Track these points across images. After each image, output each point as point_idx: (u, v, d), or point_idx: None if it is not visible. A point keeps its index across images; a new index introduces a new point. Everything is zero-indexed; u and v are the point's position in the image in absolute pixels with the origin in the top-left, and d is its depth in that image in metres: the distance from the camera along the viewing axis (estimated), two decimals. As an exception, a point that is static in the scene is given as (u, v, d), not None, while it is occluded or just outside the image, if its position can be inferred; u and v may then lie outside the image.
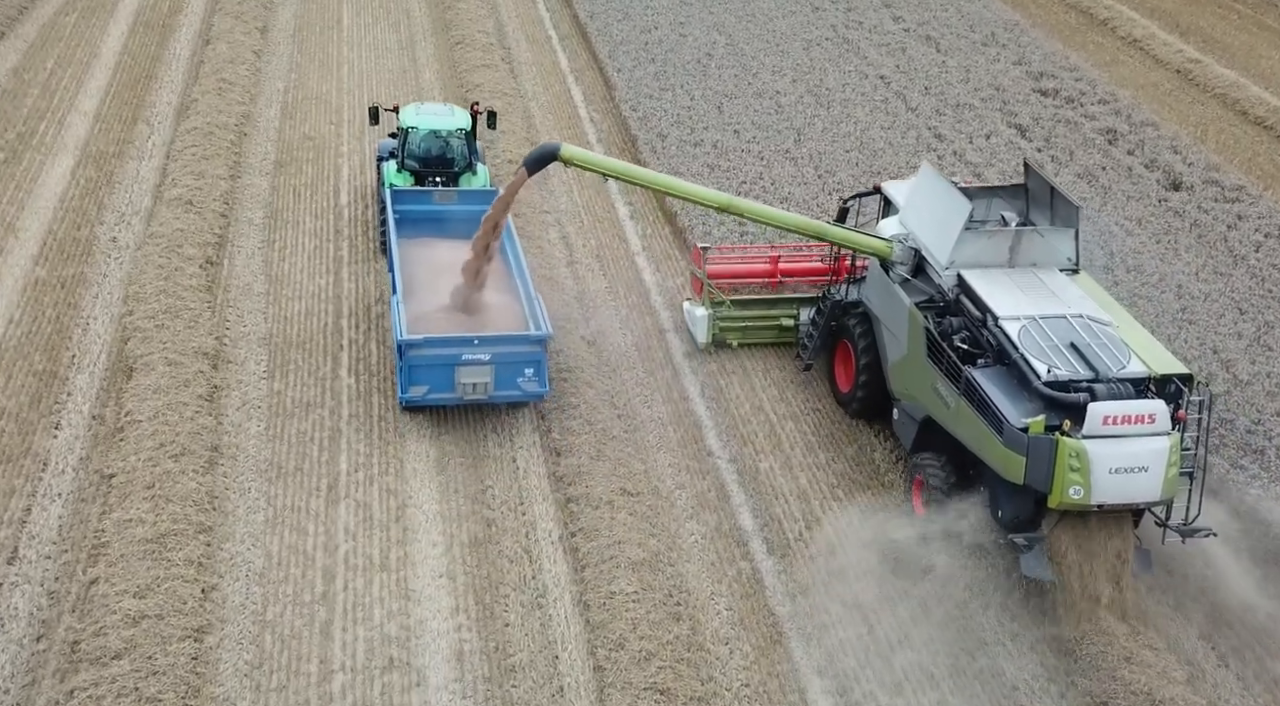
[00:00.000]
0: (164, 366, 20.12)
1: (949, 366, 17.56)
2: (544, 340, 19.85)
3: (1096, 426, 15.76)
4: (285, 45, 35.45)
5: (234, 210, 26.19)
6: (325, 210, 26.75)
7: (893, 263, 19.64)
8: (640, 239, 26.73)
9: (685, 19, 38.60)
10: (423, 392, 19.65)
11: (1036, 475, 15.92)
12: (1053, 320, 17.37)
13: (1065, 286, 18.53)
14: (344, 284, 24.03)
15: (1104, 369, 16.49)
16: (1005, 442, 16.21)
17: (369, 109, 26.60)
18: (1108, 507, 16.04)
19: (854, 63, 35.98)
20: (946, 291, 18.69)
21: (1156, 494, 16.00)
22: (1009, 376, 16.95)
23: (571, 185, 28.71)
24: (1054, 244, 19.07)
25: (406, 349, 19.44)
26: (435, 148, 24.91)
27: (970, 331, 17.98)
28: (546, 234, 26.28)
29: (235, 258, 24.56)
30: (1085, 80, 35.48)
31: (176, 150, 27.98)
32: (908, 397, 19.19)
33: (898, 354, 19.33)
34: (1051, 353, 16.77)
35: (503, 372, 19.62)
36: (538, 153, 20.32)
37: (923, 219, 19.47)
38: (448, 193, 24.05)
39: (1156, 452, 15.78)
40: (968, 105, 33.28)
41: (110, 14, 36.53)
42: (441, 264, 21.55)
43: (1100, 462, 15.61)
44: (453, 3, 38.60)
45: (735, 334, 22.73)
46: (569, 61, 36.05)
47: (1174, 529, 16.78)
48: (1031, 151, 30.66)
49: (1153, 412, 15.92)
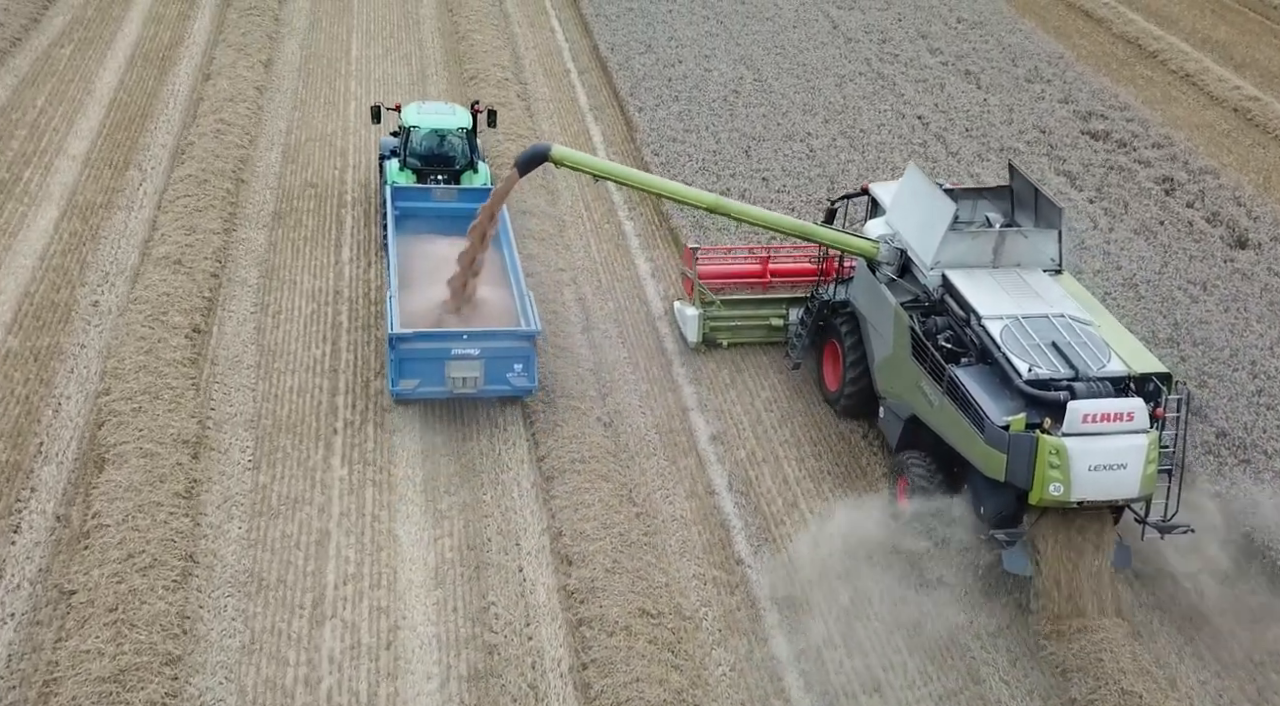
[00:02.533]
0: (138, 458, 18.26)
1: (933, 365, 17.89)
2: (533, 336, 20.22)
3: (1076, 424, 16.03)
4: (290, 80, 33.64)
5: (226, 269, 24.36)
6: (325, 268, 24.90)
7: (879, 263, 19.93)
8: (662, 300, 24.79)
9: (710, 51, 36.65)
10: (413, 386, 20.02)
11: (1017, 472, 16.17)
12: (1035, 320, 17.70)
13: (1048, 286, 18.81)
14: (342, 354, 22.17)
15: (1084, 368, 16.81)
16: (987, 440, 16.51)
17: (371, 108, 26.64)
18: (1087, 504, 16.25)
19: (889, 101, 33.95)
20: (931, 291, 18.99)
21: (1135, 490, 16.21)
22: (991, 375, 17.30)
23: (589, 238, 26.82)
24: (1037, 245, 19.36)
25: (397, 342, 19.82)
26: (437, 146, 25.37)
27: (954, 331, 18.33)
28: (561, 294, 24.37)
29: (225, 324, 22.72)
30: (1137, 121, 33.35)
31: (168, 200, 26.17)
32: (893, 396, 19.49)
33: (884, 353, 19.64)
34: (1033, 351, 17.11)
35: (492, 367, 20.06)
36: (529, 153, 20.47)
37: (908, 220, 19.79)
38: (448, 190, 24.50)
39: (1135, 450, 16.03)
40: (1012, 149, 31.20)
41: (108, 45, 34.79)
42: (440, 260, 21.91)
43: (1080, 460, 15.86)
44: (467, 33, 36.77)
45: (725, 333, 23.03)
46: (588, 98, 34.14)
47: (1153, 525, 17.04)
48: (1083, 202, 28.57)
49: (1131, 411, 16.19)
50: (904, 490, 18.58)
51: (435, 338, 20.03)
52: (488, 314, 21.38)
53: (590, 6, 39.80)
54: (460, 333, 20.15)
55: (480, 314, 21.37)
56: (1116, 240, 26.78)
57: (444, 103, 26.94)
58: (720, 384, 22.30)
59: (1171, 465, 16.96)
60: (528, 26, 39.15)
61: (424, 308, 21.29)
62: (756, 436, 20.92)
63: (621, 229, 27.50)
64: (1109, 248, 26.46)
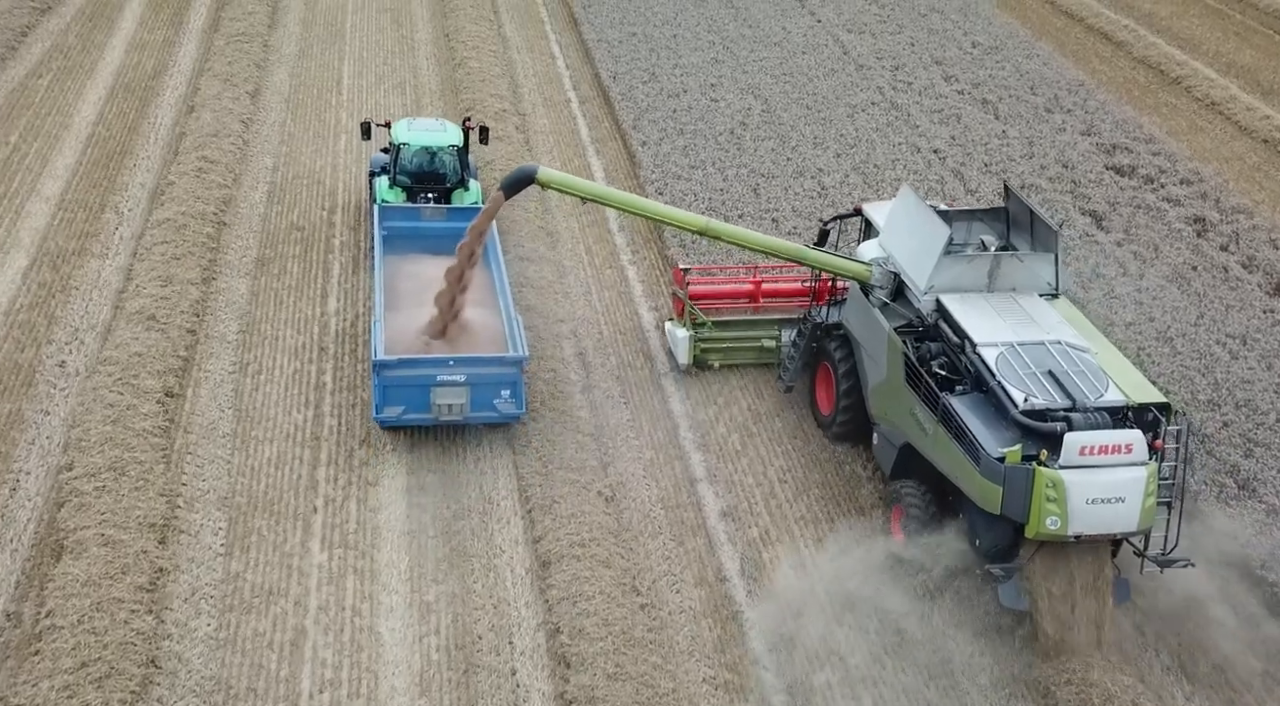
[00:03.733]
0: (99, 547, 16.79)
1: (927, 392, 17.45)
2: (521, 362, 19.80)
3: (1073, 456, 15.67)
4: (277, 112, 32.19)
5: (204, 323, 22.90)
6: (310, 320, 23.44)
7: (872, 286, 19.60)
8: (669, 355, 23.33)
9: (717, 79, 35.17)
10: (398, 413, 19.61)
11: (1013, 505, 15.79)
12: (1031, 347, 17.31)
13: (1044, 312, 18.43)
14: (324, 420, 20.70)
15: (1081, 397, 16.41)
16: (982, 472, 16.12)
17: (361, 124, 26.02)
18: (1085, 538, 15.86)
19: (904, 133, 32.47)
20: (925, 316, 18.62)
21: (1134, 524, 15.85)
22: (986, 404, 16.92)
23: (590, 285, 25.35)
24: (1033, 268, 18.96)
25: (381, 369, 19.38)
26: (427, 163, 24.88)
27: (948, 357, 17.97)
28: (561, 349, 22.92)
29: (201, 386, 21.26)
30: (1164, 154, 31.85)
31: (145, 246, 24.72)
32: (887, 423, 19.09)
33: (877, 378, 19.27)
34: (1029, 380, 16.71)
35: (478, 394, 19.63)
36: (514, 175, 20.25)
37: (902, 243, 19.38)
38: (437, 210, 24.05)
39: (1134, 483, 15.66)
40: (1034, 186, 29.72)
41: (89, 75, 33.35)
42: (428, 281, 21.36)
43: (1077, 493, 15.50)
44: (464, 60, 35.31)
45: (716, 355, 22.62)
46: (589, 130, 32.68)
47: (1152, 559, 16.60)
48: (1111, 245, 27.07)
49: (1130, 442, 15.82)
50: (898, 521, 18.15)
51: (420, 364, 19.62)
52: (475, 338, 20.97)
53: (592, 32, 38.37)
54: (446, 359, 19.71)
55: (468, 338, 20.97)
56: (1148, 289, 25.27)
57: (434, 119, 26.25)
58: (730, 451, 20.83)
59: (1171, 497, 16.54)
60: (527, 52, 37.71)
61: (411, 331, 20.91)
62: (770, 512, 19.44)
63: (624, 274, 26.05)
64: (1140, 297, 24.96)
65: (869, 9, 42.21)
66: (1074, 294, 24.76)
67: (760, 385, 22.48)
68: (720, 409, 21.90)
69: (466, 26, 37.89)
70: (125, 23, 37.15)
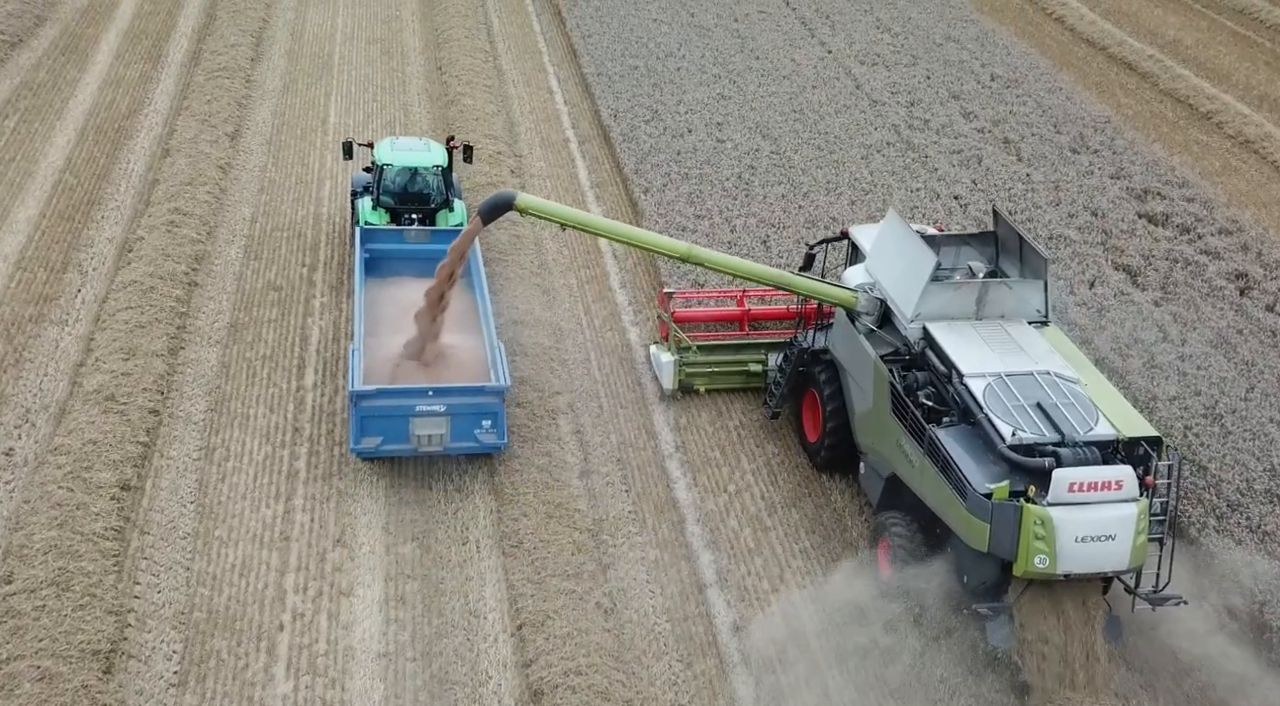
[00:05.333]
0: (32, 683, 14.92)
1: (913, 424, 17.07)
2: (502, 391, 19.38)
3: (1062, 493, 15.31)
4: (258, 155, 30.35)
5: (169, 401, 21.04)
6: (284, 397, 21.59)
7: (858, 313, 19.19)
8: (674, 430, 21.49)
9: (723, 118, 33.32)
10: (376, 444, 19.12)
11: (1001, 543, 15.43)
12: (1019, 378, 16.98)
13: (1033, 340, 18.08)
14: (295, 516, 18.84)
15: (1070, 431, 16.09)
16: (969, 508, 15.74)
17: (343, 143, 25.64)
18: (1075, 577, 15.50)
19: (922, 177, 30.61)
20: (912, 344, 18.24)
21: (1125, 562, 15.50)
22: (974, 437, 16.51)
23: (589, 351, 23.51)
24: (1023, 295, 18.63)
25: (359, 400, 18.89)
26: (411, 184, 24.52)
27: (936, 387, 17.59)
28: (557, 426, 21.08)
29: (161, 476, 19.40)
30: (1199, 201, 29.98)
31: (108, 312, 22.88)
32: (873, 452, 18.70)
33: (863, 406, 18.86)
34: (1017, 413, 16.36)
35: (459, 424, 19.18)
36: (492, 201, 19.81)
37: (888, 269, 19.07)
38: (420, 232, 23.68)
39: (1124, 520, 15.30)
40: (1063, 238, 27.85)
41: (59, 115, 31.47)
42: (411, 306, 20.94)
43: (1066, 530, 15.14)
44: (458, 97, 33.49)
45: (702, 380, 22.19)
46: (589, 174, 30.84)
47: (1143, 597, 16.15)
48: (1149, 306, 25.17)
49: (1120, 479, 15.46)
50: (885, 554, 17.66)
51: (399, 394, 19.18)
52: (457, 366, 20.62)
53: (591, 64, 36.52)
54: (425, 389, 19.24)
55: (449, 366, 20.62)
56: (1191, 356, 23.39)
57: (418, 138, 25.80)
58: (742, 549, 18.97)
59: (1163, 534, 16.10)
60: (524, 86, 35.87)
61: (391, 358, 20.61)
62: (788, 623, 17.56)
63: (625, 337, 24.22)
64: (1184, 366, 23.08)
65: (881, 38, 40.37)
66: (1112, 363, 22.95)
67: (777, 472, 20.66)
68: (731, 498, 20.07)
69: (460, 59, 36.08)
70: (100, 56, 35.33)
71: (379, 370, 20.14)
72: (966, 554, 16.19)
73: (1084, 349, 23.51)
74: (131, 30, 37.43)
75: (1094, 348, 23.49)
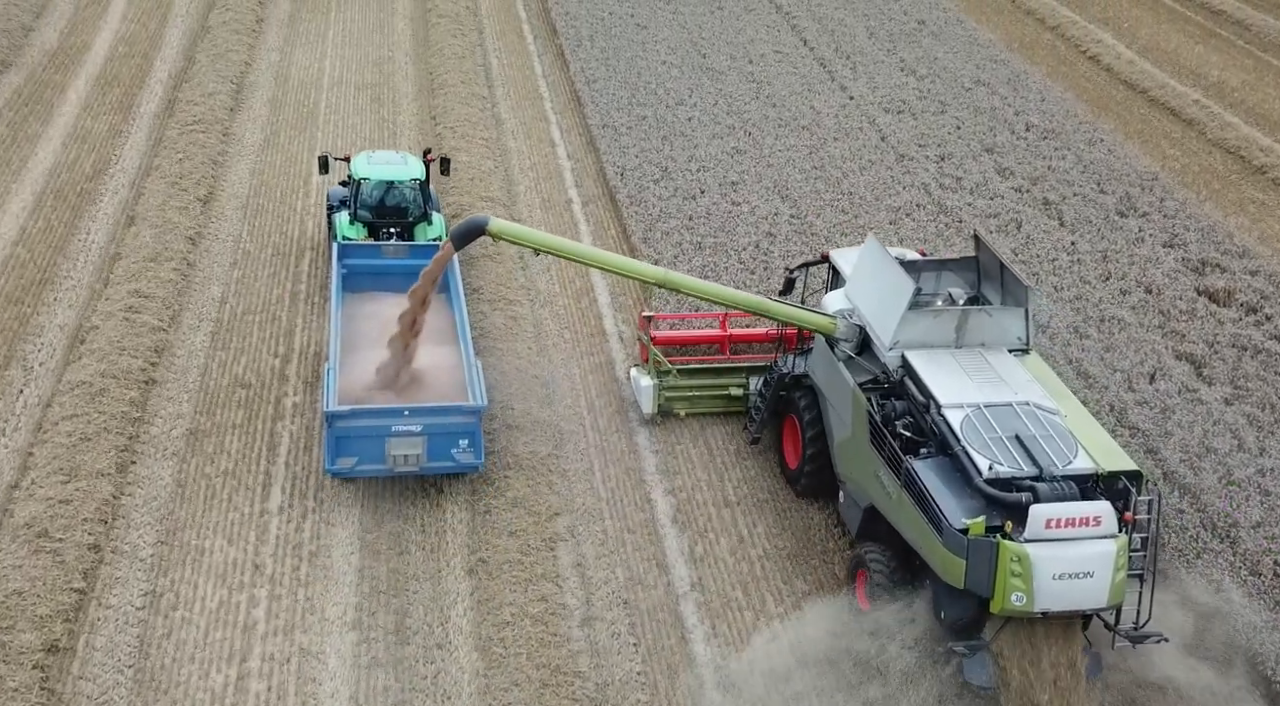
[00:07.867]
0: None
1: (891, 454, 16.85)
2: (479, 412, 19.27)
3: (1039, 529, 15.04)
4: (232, 223, 27.78)
5: (111, 536, 18.44)
6: (246, 523, 19.02)
7: (837, 339, 18.97)
8: (689, 563, 18.90)
9: (739, 176, 30.71)
10: (351, 464, 18.95)
11: (977, 579, 15.15)
12: (998, 409, 16.76)
13: (1013, 369, 17.89)
14: (250, 686, 16.23)
15: (1048, 465, 15.88)
16: (945, 543, 15.46)
17: (318, 158, 25.64)
18: (1053, 615, 15.19)
19: (957, 245, 27.89)
20: (891, 372, 18.03)
21: (1103, 600, 15.28)
22: (951, 470, 16.27)
23: (593, 460, 20.92)
24: (1003, 323, 18.50)
25: (333, 420, 18.72)
26: (389, 198, 24.46)
27: (914, 417, 17.36)
28: (556, 561, 18.50)
29: (96, 633, 16.79)
30: (1263, 273, 27.32)
31: (51, 421, 20.34)
32: (852, 482, 18.49)
33: (842, 434, 18.67)
34: (994, 445, 16.19)
35: (435, 444, 19.05)
36: (464, 227, 19.80)
37: (867, 295, 18.96)
38: (398, 247, 23.51)
39: (1103, 557, 15.08)
40: (1116, 319, 25.21)
41: (15, 176, 28.95)
42: (389, 323, 20.76)
43: (1043, 568, 14.90)
44: (452, 152, 30.85)
45: (682, 404, 21.98)
46: (594, 240, 28.17)
47: (1123, 634, 15.87)
48: (1219, 405, 22.50)
49: (1098, 515, 15.25)
50: (862, 586, 17.38)
51: (374, 414, 18.96)
52: (434, 385, 20.53)
53: (596, 114, 33.93)
54: (401, 409, 19.10)
55: (426, 385, 20.54)
56: (1271, 469, 20.74)
57: (394, 152, 25.73)
58: None
59: (1142, 569, 15.83)
60: (524, 138, 33.30)
61: (368, 376, 20.46)
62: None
63: (634, 441, 21.63)
64: (1264, 481, 20.42)
65: (906, 82, 37.74)
66: (1183, 478, 20.30)
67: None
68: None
69: (456, 108, 33.52)
70: (67, 107, 32.83)
71: (353, 393, 19.82)
72: (943, 589, 15.91)
73: (1149, 459, 20.93)
74: (103, 76, 34.93)
75: (1161, 458, 20.87)
